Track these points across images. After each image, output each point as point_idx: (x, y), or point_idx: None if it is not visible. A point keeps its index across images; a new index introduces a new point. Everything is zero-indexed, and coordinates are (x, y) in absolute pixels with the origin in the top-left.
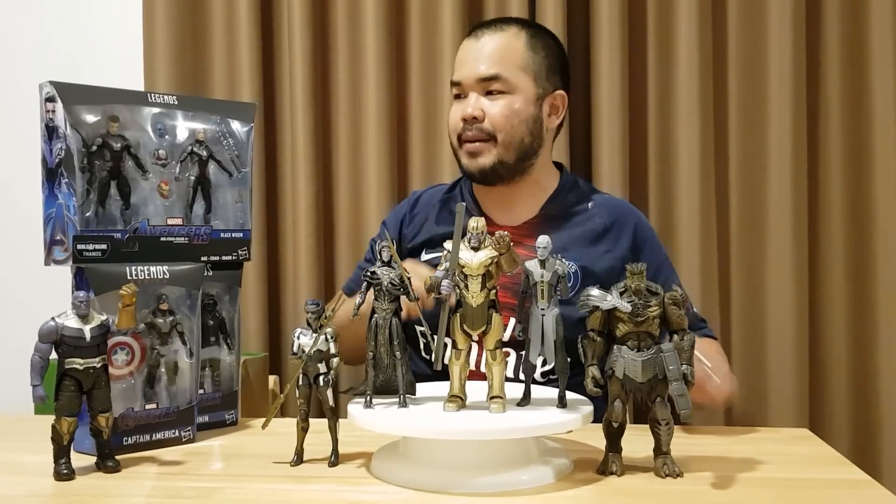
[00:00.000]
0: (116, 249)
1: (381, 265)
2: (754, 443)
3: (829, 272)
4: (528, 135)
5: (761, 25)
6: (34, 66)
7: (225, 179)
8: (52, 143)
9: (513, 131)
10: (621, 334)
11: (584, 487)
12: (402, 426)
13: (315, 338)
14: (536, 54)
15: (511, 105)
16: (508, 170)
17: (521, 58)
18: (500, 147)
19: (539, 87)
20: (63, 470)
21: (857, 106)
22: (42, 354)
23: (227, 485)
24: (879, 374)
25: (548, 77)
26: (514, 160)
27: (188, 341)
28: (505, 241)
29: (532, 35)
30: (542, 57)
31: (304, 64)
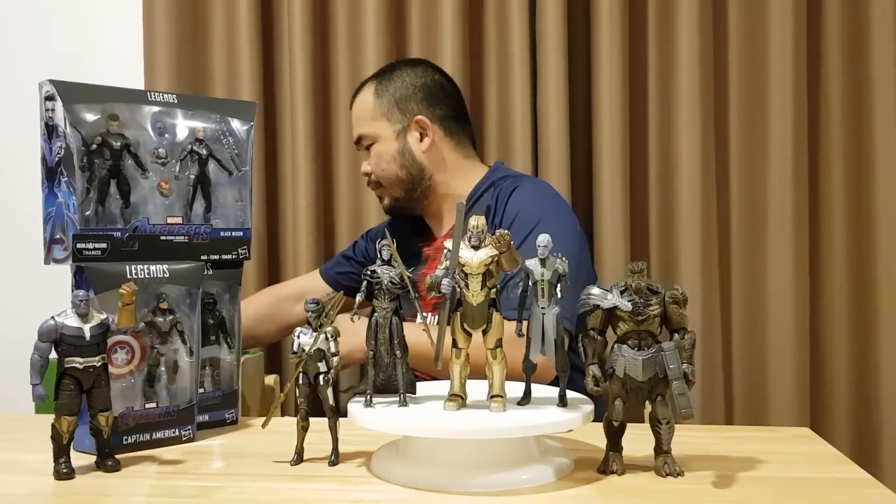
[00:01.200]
0: (116, 248)
1: (381, 264)
2: (755, 442)
3: (830, 271)
4: (400, 169)
5: (762, 25)
6: (34, 64)
7: (225, 178)
8: (52, 142)
9: (384, 173)
10: (621, 333)
11: (585, 486)
12: (402, 425)
13: (315, 337)
14: (382, 97)
15: (376, 153)
16: (406, 201)
17: (370, 109)
18: (386, 189)
19: (395, 124)
20: (63, 469)
21: (857, 105)
22: (41, 353)
23: (227, 484)
24: (880, 372)
25: (400, 110)
26: (404, 193)
27: (188, 340)
28: (505, 240)
29: (379, 81)
30: (388, 96)
31: (305, 62)
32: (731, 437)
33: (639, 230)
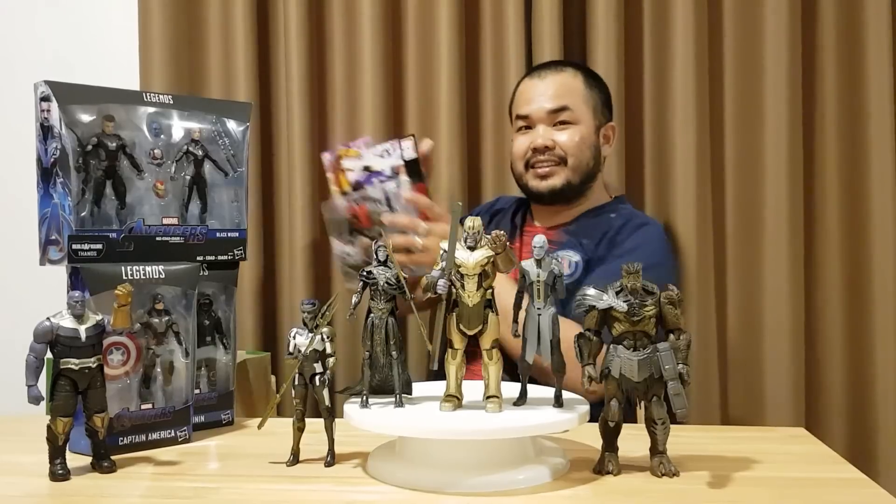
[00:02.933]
0: (112, 249)
1: (377, 265)
2: (750, 442)
3: (826, 271)
4: (591, 159)
5: (757, 24)
6: (29, 65)
7: (221, 179)
8: (48, 143)
9: (581, 156)
10: (617, 334)
11: (581, 487)
12: (398, 426)
13: (311, 337)
14: (592, 90)
15: (578, 134)
16: (574, 190)
17: (583, 93)
18: (569, 170)
19: (596, 119)
20: (58, 470)
21: (852, 104)
22: (37, 354)
23: (223, 485)
24: (875, 373)
25: (602, 111)
26: (580, 182)
27: (184, 341)
28: (501, 241)
29: (586, 75)
30: (596, 92)
31: (301, 63)
32: (726, 437)
33: None
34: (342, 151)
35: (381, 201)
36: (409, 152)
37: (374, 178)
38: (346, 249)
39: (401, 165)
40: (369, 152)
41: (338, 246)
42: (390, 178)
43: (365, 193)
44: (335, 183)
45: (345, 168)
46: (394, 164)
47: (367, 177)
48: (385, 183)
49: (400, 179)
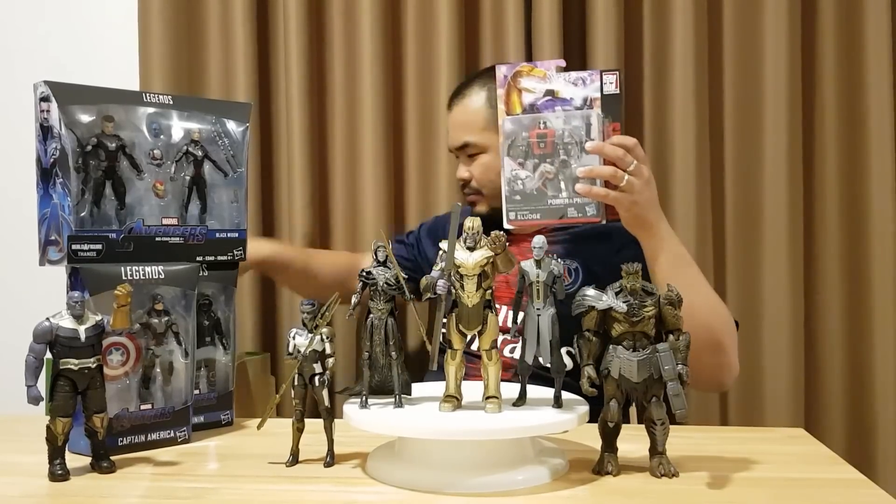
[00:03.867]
0: (111, 249)
1: (376, 265)
2: (749, 442)
3: (825, 271)
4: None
5: (757, 23)
6: (29, 65)
7: (220, 179)
8: (47, 143)
9: (492, 184)
10: (617, 334)
11: (580, 487)
12: (397, 426)
13: (310, 338)
14: (495, 108)
15: (484, 163)
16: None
17: (482, 118)
18: (487, 198)
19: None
20: (58, 471)
21: (852, 104)
22: (36, 355)
23: (222, 485)
24: (875, 373)
25: None
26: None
27: (183, 341)
28: (501, 241)
29: (490, 89)
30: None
31: (300, 64)
32: (725, 437)
33: None
34: (525, 68)
35: (564, 126)
36: (611, 86)
37: (559, 105)
38: (519, 173)
39: (597, 98)
40: (559, 76)
41: (509, 167)
42: (579, 109)
43: (543, 116)
44: (504, 101)
45: (523, 87)
46: (588, 95)
47: (548, 102)
48: (570, 112)
49: (592, 112)
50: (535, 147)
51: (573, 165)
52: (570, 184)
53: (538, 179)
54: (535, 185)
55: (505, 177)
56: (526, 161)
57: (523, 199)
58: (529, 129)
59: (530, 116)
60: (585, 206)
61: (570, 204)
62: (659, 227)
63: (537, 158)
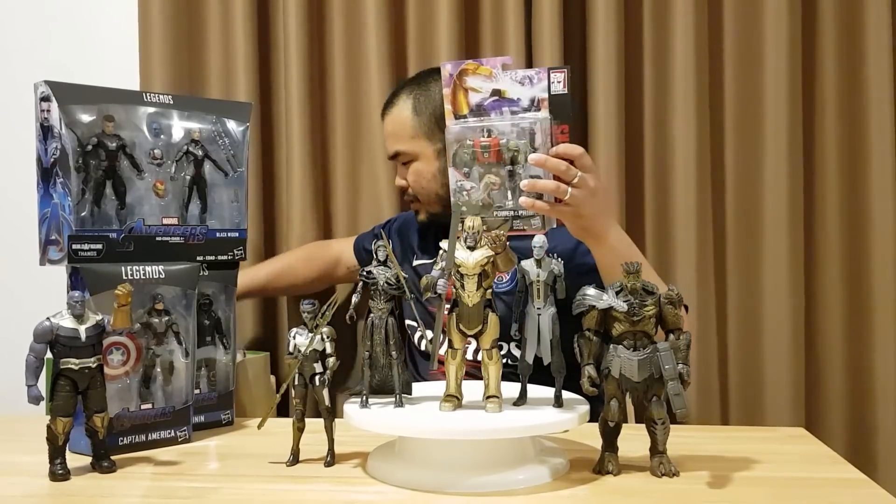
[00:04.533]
0: (112, 249)
1: (376, 265)
2: (750, 442)
3: (825, 270)
4: (440, 187)
5: (758, 23)
6: (29, 65)
7: (221, 179)
8: (47, 143)
9: (425, 191)
10: (617, 334)
11: (581, 487)
12: (398, 426)
13: (311, 337)
14: (421, 115)
15: (416, 171)
16: (444, 216)
17: (410, 127)
18: (424, 205)
19: (436, 143)
20: (58, 470)
21: (852, 104)
22: (37, 354)
23: (222, 485)
24: (875, 373)
25: (441, 129)
26: (442, 209)
27: (184, 341)
28: (501, 241)
29: (416, 96)
30: (428, 114)
31: (301, 63)
32: (726, 437)
33: (634, 230)
34: (471, 66)
35: (509, 133)
36: (558, 85)
37: (506, 106)
38: (464, 184)
39: (545, 98)
40: (506, 75)
41: (454, 178)
42: (526, 111)
43: (488, 121)
44: (450, 102)
45: (469, 87)
46: (536, 96)
47: (494, 102)
48: (518, 114)
49: (539, 115)
50: (480, 156)
51: (520, 173)
52: (517, 193)
53: (483, 191)
54: (481, 196)
55: (451, 188)
56: (471, 170)
57: (469, 210)
58: (473, 139)
59: (474, 124)
60: (531, 219)
61: (517, 216)
62: (607, 236)
63: (483, 167)
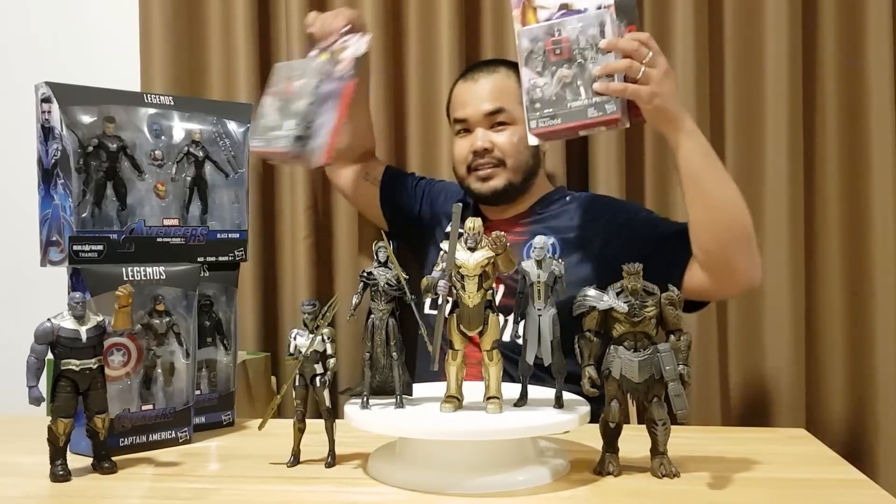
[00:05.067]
0: (113, 250)
1: (377, 266)
2: (751, 443)
3: (826, 272)
4: (530, 158)
5: (758, 25)
6: (30, 66)
7: (221, 180)
8: (48, 144)
9: (519, 156)
10: (618, 335)
11: (581, 488)
12: (398, 427)
13: (311, 339)
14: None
15: (517, 134)
16: (516, 190)
17: (517, 93)
18: (509, 171)
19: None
20: (59, 471)
21: (853, 106)
22: (38, 356)
23: (223, 486)
24: (876, 374)
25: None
26: (521, 181)
27: (184, 342)
28: (501, 242)
29: (514, 74)
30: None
31: None
32: (726, 438)
33: None
34: None
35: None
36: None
37: (574, 15)
38: (537, 81)
39: (610, 4)
40: None
41: (527, 77)
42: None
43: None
44: (520, 21)
45: (537, 5)
46: (602, 3)
47: (563, 14)
48: (584, 16)
49: (605, 13)
50: (552, 55)
51: (590, 68)
52: (588, 86)
53: (556, 85)
54: (554, 90)
55: (524, 87)
56: (543, 70)
57: (543, 106)
58: (544, 39)
59: (544, 25)
60: (605, 104)
61: (590, 104)
62: (683, 119)
63: (554, 65)
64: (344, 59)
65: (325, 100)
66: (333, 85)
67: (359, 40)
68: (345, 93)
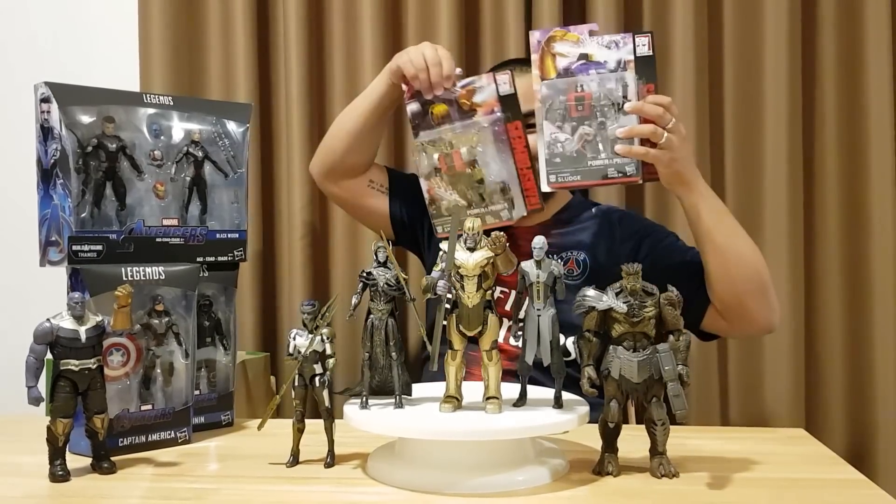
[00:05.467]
0: (112, 250)
1: (376, 266)
2: (750, 443)
3: (825, 271)
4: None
5: (758, 25)
6: (29, 66)
7: (221, 180)
8: (48, 144)
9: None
10: (617, 335)
11: (581, 488)
12: (397, 427)
13: (311, 339)
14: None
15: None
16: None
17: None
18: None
19: None
20: (58, 471)
21: (852, 105)
22: (37, 356)
23: (222, 486)
24: (875, 373)
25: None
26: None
27: (184, 342)
28: (501, 242)
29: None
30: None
31: (300, 64)
32: (726, 438)
33: None
34: (558, 33)
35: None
36: (643, 48)
37: (593, 68)
38: (559, 136)
39: (631, 60)
40: (592, 40)
41: (548, 130)
42: (613, 72)
43: (578, 80)
44: (539, 67)
45: (557, 52)
46: (622, 58)
47: (582, 66)
48: (605, 75)
49: (626, 75)
50: (573, 110)
51: (611, 127)
52: (608, 145)
53: (577, 141)
54: (575, 147)
55: (544, 140)
56: (564, 124)
57: (563, 162)
58: (566, 93)
59: (566, 80)
60: (625, 166)
61: (610, 164)
62: (697, 182)
63: (575, 121)
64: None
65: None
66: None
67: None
68: (511, 134)
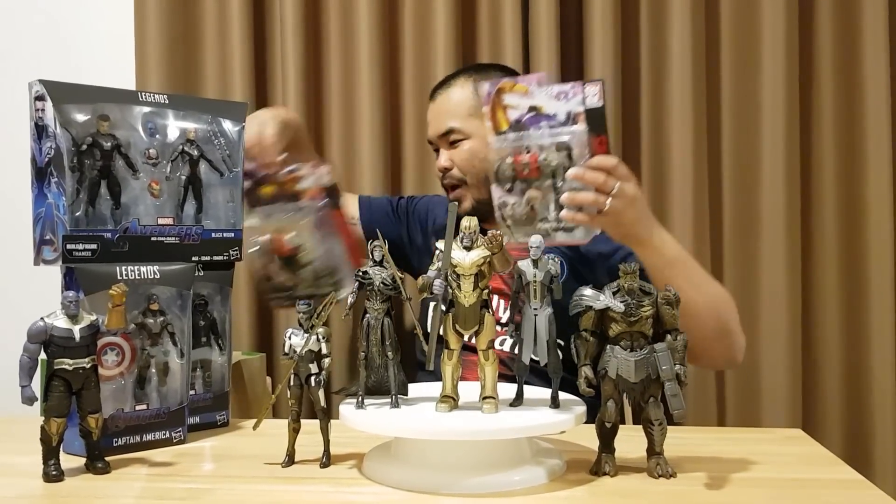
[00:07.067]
0: (106, 249)
1: (372, 265)
2: (747, 443)
3: (822, 272)
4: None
5: (755, 27)
6: (23, 64)
7: (216, 179)
8: (42, 143)
9: (475, 170)
10: (614, 334)
11: (577, 488)
12: (394, 427)
13: (306, 338)
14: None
15: (469, 150)
16: (488, 204)
17: (469, 105)
18: (472, 188)
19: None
20: (52, 471)
21: (849, 107)
22: (31, 355)
23: (217, 486)
24: (872, 373)
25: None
26: (488, 197)
27: (179, 342)
28: (497, 241)
29: (476, 79)
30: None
31: (297, 63)
32: (723, 438)
33: None
34: (507, 85)
35: (547, 148)
36: (593, 99)
37: (544, 121)
38: (507, 199)
39: (581, 112)
40: (542, 91)
41: (497, 194)
42: (563, 125)
43: (527, 136)
44: (490, 119)
45: (507, 104)
46: (571, 110)
47: (533, 118)
48: (555, 129)
49: (576, 129)
50: (520, 172)
51: (560, 185)
52: (557, 206)
53: (525, 205)
54: (524, 210)
55: (495, 203)
56: (513, 185)
57: (514, 225)
58: (513, 156)
59: (513, 140)
60: (574, 230)
61: (558, 227)
62: (650, 240)
63: (524, 182)
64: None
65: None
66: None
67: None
68: (336, 221)
